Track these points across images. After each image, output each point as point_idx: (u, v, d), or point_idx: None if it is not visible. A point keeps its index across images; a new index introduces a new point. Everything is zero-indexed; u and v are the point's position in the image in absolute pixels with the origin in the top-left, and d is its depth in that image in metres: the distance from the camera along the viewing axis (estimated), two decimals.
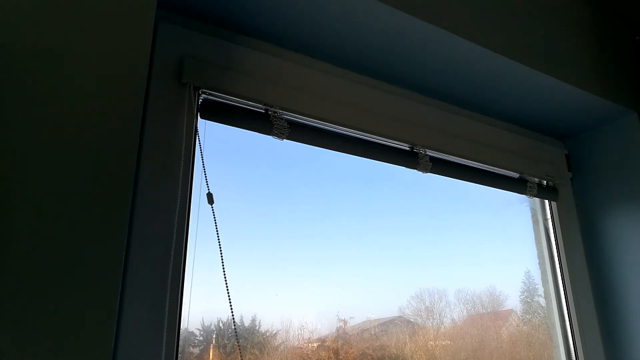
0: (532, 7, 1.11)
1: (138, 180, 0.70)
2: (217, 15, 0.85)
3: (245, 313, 0.83)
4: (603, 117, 1.25)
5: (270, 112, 0.86)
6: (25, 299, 0.47)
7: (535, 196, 1.23)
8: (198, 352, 0.79)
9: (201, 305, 0.73)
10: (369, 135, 0.99)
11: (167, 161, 0.74)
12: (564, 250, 1.23)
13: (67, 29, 0.56)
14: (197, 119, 0.80)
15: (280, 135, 0.86)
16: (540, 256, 1.27)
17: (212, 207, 0.69)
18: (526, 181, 1.21)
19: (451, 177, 1.10)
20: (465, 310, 1.10)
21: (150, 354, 0.65)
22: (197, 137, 0.79)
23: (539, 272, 1.25)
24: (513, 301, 1.20)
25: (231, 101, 0.85)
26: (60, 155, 0.52)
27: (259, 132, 0.86)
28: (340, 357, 0.90)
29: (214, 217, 0.68)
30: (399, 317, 1.02)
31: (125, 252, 0.54)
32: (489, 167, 1.17)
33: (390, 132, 1.00)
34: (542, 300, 1.24)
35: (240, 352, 0.74)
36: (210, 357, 0.79)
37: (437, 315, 1.06)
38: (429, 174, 1.05)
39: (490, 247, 1.13)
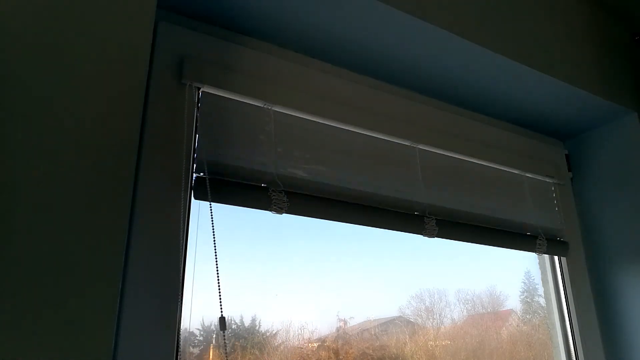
0: (533, 7, 1.11)
1: (138, 180, 0.70)
2: (217, 15, 0.85)
3: (245, 313, 0.83)
4: (603, 117, 1.25)
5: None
6: (25, 299, 0.47)
7: (544, 253, 1.17)
8: (198, 352, 0.79)
9: (201, 305, 0.73)
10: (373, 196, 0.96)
11: (167, 161, 0.74)
12: None
13: (67, 29, 0.56)
14: (196, 119, 0.80)
15: (279, 211, 0.86)
16: (540, 256, 1.27)
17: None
18: (535, 237, 1.16)
19: (459, 240, 1.05)
20: (465, 310, 1.10)
21: (150, 354, 0.65)
22: (197, 137, 0.79)
23: (539, 272, 1.25)
24: (513, 301, 1.20)
25: (231, 101, 0.85)
26: (61, 155, 0.52)
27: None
28: (340, 357, 0.90)
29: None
30: (399, 317, 1.02)
31: (125, 252, 0.54)
32: (498, 225, 1.13)
33: (390, 132, 1.00)
34: (542, 300, 1.24)
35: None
36: (210, 357, 0.79)
37: (437, 315, 1.06)
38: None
39: (490, 247, 1.13)
